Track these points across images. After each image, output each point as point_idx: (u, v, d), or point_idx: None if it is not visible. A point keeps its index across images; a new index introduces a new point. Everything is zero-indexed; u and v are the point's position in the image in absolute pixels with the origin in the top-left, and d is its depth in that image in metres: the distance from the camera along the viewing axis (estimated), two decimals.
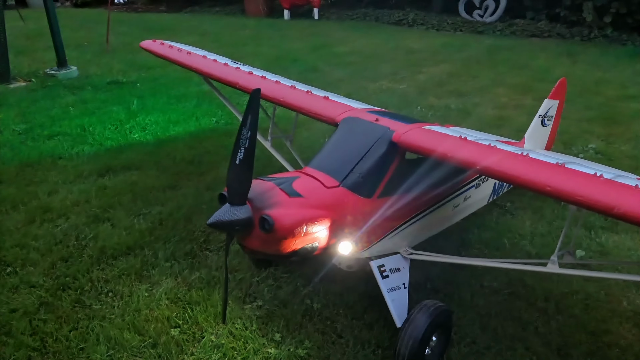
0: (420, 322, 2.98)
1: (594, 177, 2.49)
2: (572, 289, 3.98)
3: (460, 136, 3.02)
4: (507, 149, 2.88)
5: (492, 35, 15.52)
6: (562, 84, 5.50)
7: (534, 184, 2.52)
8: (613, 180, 2.47)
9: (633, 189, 2.39)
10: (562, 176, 2.52)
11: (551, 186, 2.46)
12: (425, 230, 3.70)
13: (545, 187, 2.47)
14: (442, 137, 3.07)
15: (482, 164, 2.70)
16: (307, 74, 10.19)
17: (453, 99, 8.80)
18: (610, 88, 9.85)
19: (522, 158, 2.74)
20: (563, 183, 2.46)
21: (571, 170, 2.59)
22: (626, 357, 3.37)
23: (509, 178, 2.62)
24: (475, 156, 2.78)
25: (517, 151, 2.84)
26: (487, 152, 2.84)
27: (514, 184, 2.62)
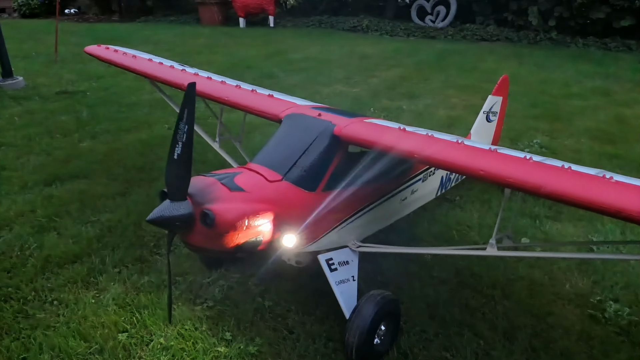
0: (367, 311, 3.02)
1: (523, 160, 2.60)
2: (518, 275, 4.11)
3: (399, 127, 3.09)
4: (444, 138, 2.97)
5: (443, 40, 15.94)
6: (504, 80, 5.69)
7: (468, 169, 2.60)
8: (541, 162, 2.58)
9: (559, 169, 2.50)
10: (494, 160, 2.62)
11: (484, 170, 2.55)
12: (373, 223, 3.75)
13: (478, 172, 2.56)
14: (382, 129, 3.14)
15: (420, 153, 2.78)
16: (262, 80, 10.19)
17: (405, 101, 8.97)
18: (554, 87, 10.27)
19: (457, 145, 2.82)
20: (494, 166, 2.55)
21: (502, 154, 2.69)
22: (569, 336, 3.49)
23: (446, 165, 2.70)
24: (413, 145, 2.85)
25: (453, 140, 2.93)
26: (425, 141, 2.92)
27: (451, 170, 2.70)
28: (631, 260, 4.19)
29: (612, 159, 6.63)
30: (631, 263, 4.39)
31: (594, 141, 7.24)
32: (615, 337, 3.50)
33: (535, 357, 3.27)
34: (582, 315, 3.72)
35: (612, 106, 9.08)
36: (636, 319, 3.67)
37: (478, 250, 3.23)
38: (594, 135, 7.50)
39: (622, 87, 10.62)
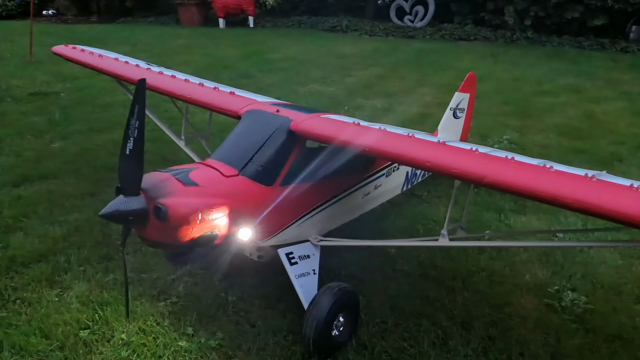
0: (324, 303, 3.07)
1: (469, 151, 2.67)
2: (479, 267, 4.20)
3: (354, 122, 3.15)
4: (396, 131, 3.03)
5: (422, 40, 16.06)
6: (470, 77, 5.78)
7: (415, 160, 2.67)
8: (487, 154, 2.66)
9: (503, 159, 2.58)
10: (441, 152, 2.69)
11: (430, 161, 2.61)
12: (335, 218, 3.80)
13: (425, 163, 2.63)
14: (337, 124, 3.19)
15: (370, 146, 2.84)
16: (239, 80, 10.20)
17: (380, 99, 9.06)
18: (527, 85, 10.43)
19: (407, 138, 2.89)
20: (441, 158, 2.62)
21: (450, 146, 2.76)
22: (525, 324, 3.58)
23: (395, 157, 2.77)
24: (365, 139, 2.91)
25: (403, 133, 3.00)
26: (376, 135, 2.98)
27: (400, 161, 2.76)
28: (572, 247, 4.35)
29: (579, 153, 6.77)
30: (590, 254, 4.51)
31: (563, 137, 7.39)
32: (570, 325, 3.60)
33: (491, 345, 3.35)
34: (540, 304, 3.81)
35: (582, 103, 9.26)
36: (592, 307, 3.77)
37: (431, 241, 3.31)
38: (562, 131, 7.64)
39: (593, 84, 10.81)
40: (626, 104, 9.37)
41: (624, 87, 10.72)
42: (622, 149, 6.99)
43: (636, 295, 3.95)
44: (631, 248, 4.43)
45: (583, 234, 4.59)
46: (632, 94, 10.24)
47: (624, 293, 3.98)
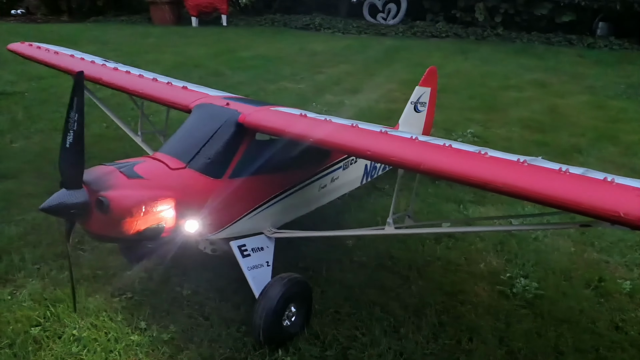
0: (273, 293, 3.10)
1: (409, 140, 2.72)
2: (435, 257, 4.27)
3: (300, 114, 3.18)
4: (340, 122, 3.07)
5: (394, 37, 16.19)
6: (431, 72, 5.86)
7: (357, 149, 2.71)
8: (426, 142, 2.71)
9: (441, 147, 2.64)
10: (381, 141, 2.73)
11: (371, 150, 2.66)
12: (290, 210, 3.82)
13: (366, 152, 2.67)
14: (283, 115, 3.22)
15: (313, 136, 2.87)
16: (208, 78, 10.17)
17: (348, 95, 9.12)
18: (494, 80, 10.60)
19: (350, 128, 2.93)
20: (380, 147, 2.66)
21: (391, 136, 2.81)
22: (477, 310, 3.66)
23: (337, 146, 2.81)
24: (308, 129, 2.94)
25: (347, 123, 3.03)
26: (320, 125, 3.01)
27: (342, 150, 2.80)
28: (507, 231, 4.54)
29: (540, 145, 6.91)
30: (545, 242, 4.62)
31: (525, 130, 7.53)
32: (520, 310, 3.68)
33: (442, 331, 3.41)
34: (492, 291, 3.89)
35: (547, 97, 9.44)
36: (542, 292, 3.86)
37: (377, 230, 3.36)
38: (526, 124, 7.79)
39: (559, 79, 11.04)
40: (589, 97, 9.60)
41: (588, 82, 10.97)
42: (582, 141, 7.16)
43: (586, 280, 4.06)
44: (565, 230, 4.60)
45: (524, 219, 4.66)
46: (596, 87, 10.49)
47: (574, 278, 4.08)
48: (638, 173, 6.15)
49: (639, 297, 3.91)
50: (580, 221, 2.52)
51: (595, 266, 4.27)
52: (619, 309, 3.77)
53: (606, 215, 2.05)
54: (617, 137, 7.36)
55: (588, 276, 4.10)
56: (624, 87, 10.60)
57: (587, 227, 2.67)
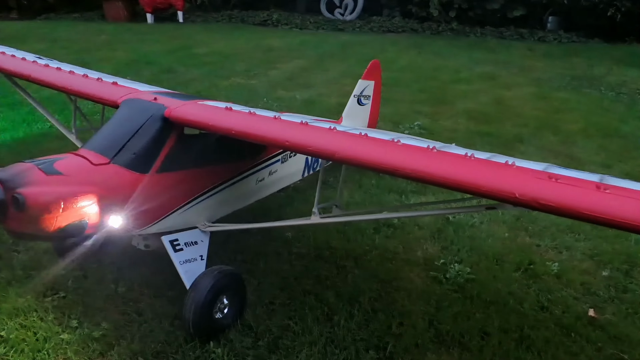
0: (202, 286, 3.12)
1: (327, 130, 2.78)
2: (373, 246, 4.35)
3: (226, 107, 3.20)
4: (263, 114, 3.10)
5: (351, 32, 16.30)
6: (374, 65, 5.95)
7: (275, 140, 2.75)
8: (344, 132, 2.77)
9: (356, 136, 2.70)
10: (300, 132, 2.78)
11: (289, 141, 2.70)
12: (225, 204, 3.82)
13: (284, 142, 2.71)
14: (208, 109, 3.23)
15: (236, 129, 2.89)
16: (160, 75, 10.05)
17: (301, 90, 9.15)
18: (445, 73, 10.81)
19: (271, 120, 2.97)
20: (298, 137, 2.71)
21: (311, 126, 2.86)
22: (410, 295, 3.76)
23: (257, 138, 2.84)
24: (229, 122, 2.97)
25: (270, 116, 3.07)
26: (243, 117, 3.04)
27: (263, 142, 2.83)
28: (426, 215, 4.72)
29: (484, 136, 7.11)
30: (481, 228, 4.77)
31: (471, 121, 7.72)
32: (451, 294, 3.80)
33: (374, 317, 3.49)
34: (426, 277, 4.00)
35: (495, 89, 9.70)
36: (474, 277, 3.99)
37: (304, 220, 3.42)
38: (472, 116, 7.99)
39: (508, 72, 11.34)
40: (535, 89, 9.90)
41: (535, 74, 11.32)
42: (524, 131, 7.39)
43: (516, 264, 4.21)
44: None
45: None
46: (542, 80, 10.83)
47: (505, 262, 4.23)
48: (575, 161, 6.40)
49: (565, 278, 4.09)
50: (487, 204, 2.63)
51: (527, 250, 4.44)
52: (547, 290, 3.93)
53: (503, 196, 2.15)
54: (558, 127, 7.63)
55: (519, 260, 4.25)
56: (569, 79, 10.99)
57: (492, 210, 2.78)
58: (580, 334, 3.48)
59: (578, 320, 3.60)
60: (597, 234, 4.69)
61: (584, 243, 4.59)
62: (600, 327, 3.56)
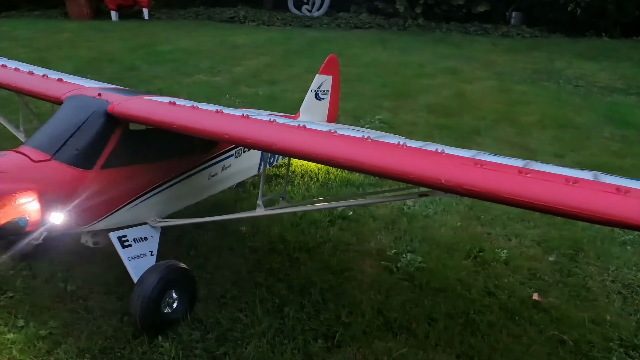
0: (149, 281, 3.12)
1: (266, 122, 2.81)
2: (327, 238, 4.40)
3: (169, 102, 3.20)
4: (206, 108, 3.11)
5: (318, 29, 16.33)
6: (331, 60, 6.00)
7: (215, 133, 2.78)
8: (283, 124, 2.81)
9: (295, 127, 2.74)
10: (239, 125, 2.81)
11: (228, 133, 2.73)
12: (177, 199, 3.82)
13: (224, 135, 2.74)
14: (151, 104, 3.22)
15: (175, 122, 2.91)
16: (123, 73, 9.92)
17: (264, 87, 9.15)
18: (409, 68, 10.94)
19: (213, 113, 2.99)
20: (238, 130, 2.74)
21: (253, 119, 2.89)
22: (361, 285, 3.82)
23: (197, 131, 2.86)
24: (173, 117, 2.97)
25: (212, 109, 3.09)
26: (185, 111, 3.05)
27: (203, 135, 2.85)
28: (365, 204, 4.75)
29: (443, 129, 7.24)
30: (434, 218, 4.88)
31: (431, 115, 7.85)
32: (401, 283, 3.88)
33: (324, 307, 3.55)
34: (378, 267, 4.07)
35: (457, 83, 9.86)
36: (424, 265, 4.08)
37: (249, 212, 3.45)
38: (432, 109, 8.12)
39: (470, 66, 11.53)
40: (495, 83, 10.10)
41: (498, 68, 11.54)
42: (482, 123, 7.55)
43: (466, 252, 4.32)
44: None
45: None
46: (504, 74, 11.05)
47: (456, 251, 4.34)
48: (529, 151, 6.57)
49: (513, 264, 4.21)
50: (420, 191, 2.70)
51: (477, 238, 4.55)
52: (494, 276, 4.04)
53: (430, 183, 2.22)
54: (515, 119, 7.81)
55: (469, 248, 4.36)
56: (529, 73, 11.24)
57: (425, 197, 2.86)
58: (524, 317, 3.59)
59: (522, 304, 3.73)
60: (547, 221, 4.84)
61: (534, 230, 4.73)
62: (544, 310, 3.68)
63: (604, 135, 7.32)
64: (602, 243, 4.55)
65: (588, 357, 3.28)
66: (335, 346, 3.23)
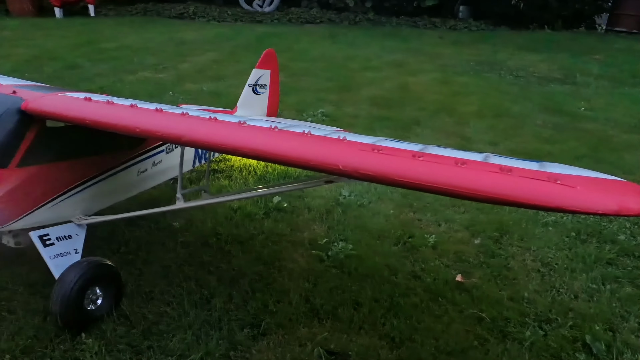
0: (69, 278, 3.10)
1: (177, 115, 2.85)
2: (260, 230, 4.46)
3: (85, 97, 3.18)
4: (121, 103, 3.11)
5: (269, 24, 16.32)
6: (268, 54, 6.04)
7: (127, 127, 2.78)
8: (195, 116, 2.84)
9: (205, 120, 2.77)
10: (151, 119, 2.83)
11: (140, 127, 2.74)
12: (104, 196, 3.79)
13: (135, 129, 2.75)
14: (66, 100, 3.20)
15: (89, 118, 2.90)
16: (64, 71, 9.70)
17: (209, 83, 9.11)
18: (356, 62, 11.08)
19: (127, 108, 2.99)
20: (148, 124, 2.76)
21: (163, 112, 2.91)
22: (291, 275, 3.89)
23: (111, 126, 2.85)
24: (86, 112, 2.96)
25: (127, 104, 3.09)
26: (99, 107, 3.04)
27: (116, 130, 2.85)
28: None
29: (384, 120, 7.39)
30: (369, 207, 4.99)
31: (373, 107, 8.00)
32: (330, 270, 3.97)
33: (253, 297, 3.60)
34: (309, 256, 4.15)
35: (401, 76, 10.06)
36: (354, 252, 4.18)
37: (169, 206, 3.48)
38: (375, 102, 8.27)
39: (416, 59, 11.78)
40: (439, 75, 10.36)
41: (442, 61, 11.83)
42: (422, 114, 7.74)
43: (396, 238, 4.45)
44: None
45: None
46: (448, 65, 11.34)
47: (386, 238, 4.46)
48: (466, 140, 6.79)
49: (441, 248, 4.37)
50: (326, 178, 2.78)
51: (409, 225, 4.69)
52: (422, 260, 4.18)
53: (329, 168, 2.30)
54: (455, 109, 8.05)
55: (400, 234, 4.50)
56: (473, 65, 11.57)
57: (331, 183, 2.95)
58: (447, 297, 3.74)
59: (446, 285, 3.87)
60: (476, 206, 5.02)
61: (463, 215, 4.91)
62: (466, 290, 3.84)
63: (537, 123, 7.62)
64: (526, 225, 4.76)
65: (504, 332, 3.44)
66: (261, 334, 3.29)
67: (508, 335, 3.41)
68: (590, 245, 4.46)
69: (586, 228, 4.72)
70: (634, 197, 2.01)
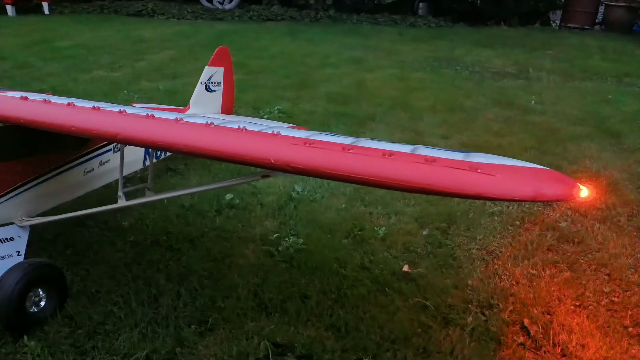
0: (9, 281, 3.06)
1: (114, 113, 2.84)
2: (211, 228, 4.47)
3: (21, 97, 3.14)
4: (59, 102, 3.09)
5: (230, 22, 16.21)
6: (221, 51, 6.04)
7: (62, 126, 2.76)
8: (132, 114, 2.84)
9: (142, 117, 2.78)
10: (86, 117, 2.82)
11: (75, 126, 2.73)
12: (48, 197, 3.73)
13: (70, 128, 2.74)
14: (3, 100, 3.15)
15: (24, 117, 2.86)
16: (14, 71, 9.45)
17: (166, 81, 9.02)
18: (315, 59, 11.14)
19: (63, 107, 2.97)
20: (83, 122, 2.75)
21: (100, 110, 2.90)
22: (240, 271, 3.92)
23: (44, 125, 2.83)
24: (21, 112, 2.93)
25: (64, 102, 3.06)
26: (35, 106, 3.01)
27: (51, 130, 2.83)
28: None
29: (340, 116, 7.46)
30: (322, 202, 5.06)
31: (330, 103, 8.07)
32: (279, 265, 4.02)
33: (201, 294, 3.62)
34: (259, 252, 4.19)
35: (359, 72, 10.17)
36: (304, 247, 4.24)
37: (110, 205, 3.47)
38: (332, 98, 8.34)
39: (375, 55, 11.91)
40: (396, 71, 10.51)
41: (401, 57, 12.00)
42: (378, 110, 7.86)
43: (346, 232, 4.53)
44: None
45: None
46: (406, 62, 11.51)
47: (337, 231, 4.53)
48: (419, 134, 6.93)
49: (390, 239, 4.46)
50: (262, 172, 2.83)
51: (359, 218, 4.78)
52: (371, 252, 4.27)
53: (261, 163, 2.34)
54: (410, 105, 8.19)
55: (350, 227, 4.58)
56: (430, 61, 11.78)
57: (267, 177, 3.00)
58: (393, 287, 3.83)
59: (393, 275, 3.97)
60: (427, 198, 5.15)
61: (413, 208, 5.03)
62: (412, 280, 3.95)
63: (488, 117, 7.84)
64: (473, 215, 4.91)
65: (447, 319, 3.56)
66: (208, 330, 3.31)
67: (451, 321, 3.52)
68: (532, 233, 4.64)
69: (530, 216, 4.90)
70: (551, 183, 2.12)
